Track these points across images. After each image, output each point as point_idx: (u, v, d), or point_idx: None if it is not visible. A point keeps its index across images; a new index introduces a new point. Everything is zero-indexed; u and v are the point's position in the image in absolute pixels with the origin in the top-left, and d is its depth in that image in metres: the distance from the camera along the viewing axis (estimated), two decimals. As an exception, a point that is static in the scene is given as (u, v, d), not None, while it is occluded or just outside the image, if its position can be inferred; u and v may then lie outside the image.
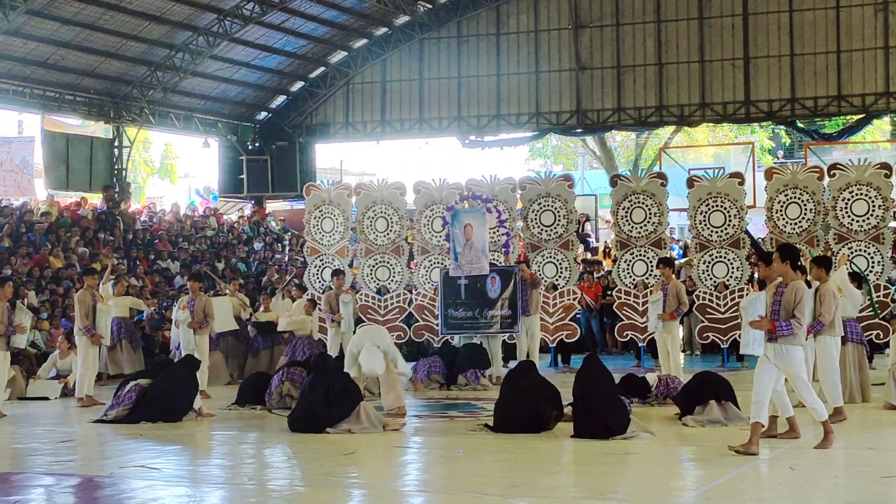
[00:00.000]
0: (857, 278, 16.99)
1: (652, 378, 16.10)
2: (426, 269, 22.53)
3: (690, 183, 22.32)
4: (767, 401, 11.81)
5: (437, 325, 21.55)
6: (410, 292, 22.74)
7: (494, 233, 21.43)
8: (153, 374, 15.53)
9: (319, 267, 23.05)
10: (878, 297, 20.12)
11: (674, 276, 19.06)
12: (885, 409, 15.13)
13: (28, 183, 32.24)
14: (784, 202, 21.34)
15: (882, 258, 20.76)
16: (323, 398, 13.72)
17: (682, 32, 32.33)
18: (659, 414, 14.83)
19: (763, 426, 11.83)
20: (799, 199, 21.28)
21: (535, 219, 22.39)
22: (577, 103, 33.31)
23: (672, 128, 38.43)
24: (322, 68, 35.63)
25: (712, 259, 21.69)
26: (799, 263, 12.72)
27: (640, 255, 22.03)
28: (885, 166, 21.39)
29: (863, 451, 11.97)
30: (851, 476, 10.77)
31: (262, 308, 22.83)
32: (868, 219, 20.78)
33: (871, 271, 20.47)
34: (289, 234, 35.13)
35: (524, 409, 13.48)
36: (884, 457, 11.78)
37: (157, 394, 15.00)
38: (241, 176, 35.99)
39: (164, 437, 13.79)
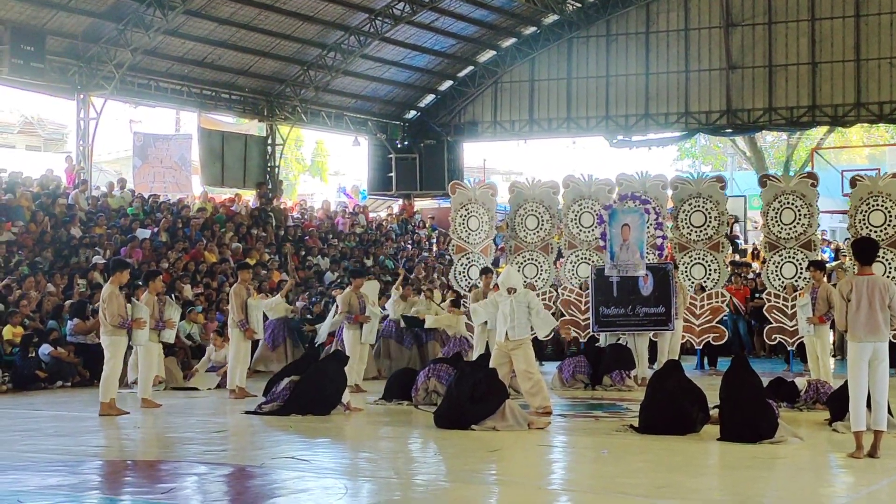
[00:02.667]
0: None
1: (801, 383, 15.83)
2: (573, 264, 22.50)
3: (853, 182, 21.86)
4: None
5: (583, 320, 21.51)
6: (556, 290, 22.74)
7: (651, 234, 21.27)
8: (303, 369, 15.80)
9: (465, 265, 23.16)
10: None
11: (824, 279, 18.66)
12: None
13: (185, 179, 33.14)
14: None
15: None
16: (469, 395, 13.81)
17: (838, 30, 31.69)
18: (808, 419, 14.57)
19: None
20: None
21: (686, 219, 22.18)
22: (727, 103, 32.90)
23: (825, 128, 37.70)
24: (471, 67, 35.81)
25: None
26: None
27: (790, 256, 21.64)
28: None
29: None
30: None
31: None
32: None
33: None
34: (436, 232, 35.36)
35: (670, 410, 13.35)
36: None
37: (307, 388, 15.27)
38: (390, 174, 36.38)
39: (313, 430, 14.01)
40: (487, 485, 10.41)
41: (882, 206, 21.19)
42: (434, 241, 34.88)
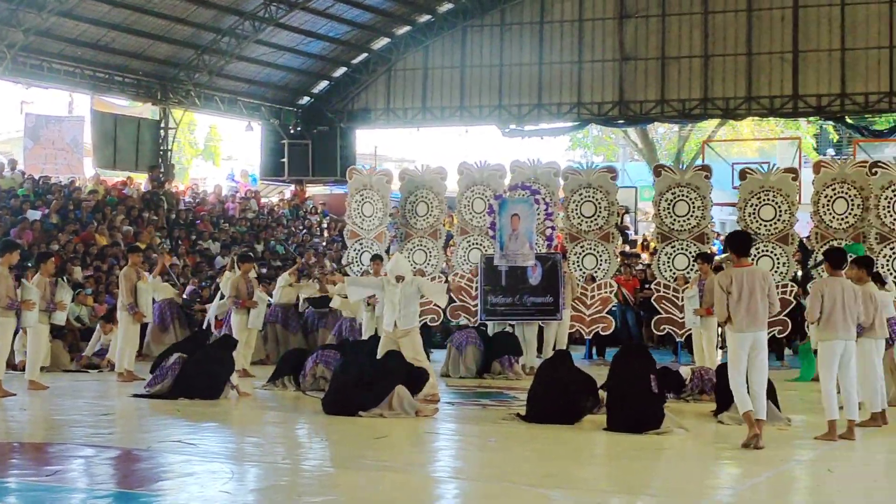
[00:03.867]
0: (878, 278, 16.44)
1: (686, 371, 15.98)
2: (465, 250, 22.55)
3: (742, 175, 22.09)
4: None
5: (473, 306, 21.54)
6: (445, 276, 22.78)
7: (541, 224, 21.35)
8: (192, 350, 15.68)
9: (358, 251, 23.09)
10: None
11: (712, 271, 18.83)
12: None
13: (77, 161, 32.59)
14: (831, 197, 21.08)
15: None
16: (356, 381, 13.75)
17: (730, 24, 32.05)
18: (694, 410, 14.69)
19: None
20: (846, 194, 21.00)
21: (576, 209, 22.29)
22: (619, 94, 33.15)
23: (716, 121, 38.17)
24: (365, 54, 35.66)
25: (758, 253, 21.38)
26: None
27: (682, 248, 21.83)
28: (928, 165, 21.05)
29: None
30: (893, 481, 10.62)
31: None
32: (911, 219, 20.43)
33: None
34: (327, 218, 35.28)
35: (559, 400, 13.39)
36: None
37: (195, 371, 15.15)
38: (283, 160, 36.14)
39: (200, 414, 13.86)
40: (374, 471, 10.33)
41: (773, 200, 21.44)
42: (325, 226, 34.77)
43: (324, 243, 32.52)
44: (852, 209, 20.91)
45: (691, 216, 21.81)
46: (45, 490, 9.18)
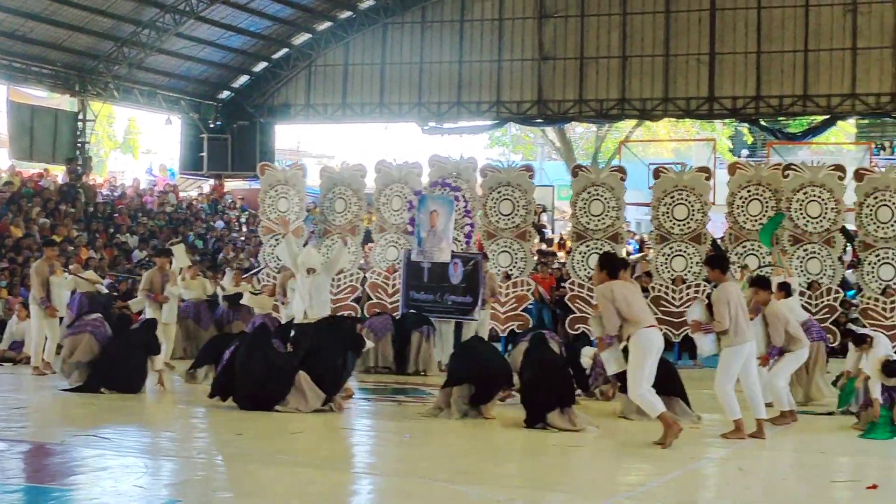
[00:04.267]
0: (786, 287, 16.74)
1: (587, 362, 15.69)
2: (382, 248, 22.62)
3: (656, 174, 22.36)
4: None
5: (390, 303, 21.61)
6: (364, 273, 22.85)
7: (460, 220, 21.46)
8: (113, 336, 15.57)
9: (274, 246, 23.07)
10: (828, 300, 20.31)
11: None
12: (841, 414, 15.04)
13: (-10, 153, 32.17)
14: (746, 198, 21.42)
15: (833, 262, 20.86)
16: (265, 372, 13.76)
17: (648, 26, 32.31)
18: (602, 409, 14.85)
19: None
20: (761, 195, 21.36)
21: (494, 207, 22.43)
22: (538, 93, 33.32)
23: (633, 122, 38.51)
24: (285, 49, 35.55)
25: (672, 252, 21.73)
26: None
27: (597, 247, 22.04)
28: (839, 168, 21.38)
29: (813, 455, 12.03)
30: (800, 479, 10.82)
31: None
32: (821, 221, 20.84)
33: (823, 274, 20.60)
34: (246, 213, 35.16)
35: (476, 369, 13.60)
36: (833, 461, 11.83)
37: (114, 361, 15.02)
38: (202, 154, 35.91)
39: (117, 409, 13.80)
40: (289, 466, 10.37)
41: (686, 200, 21.75)
42: (244, 221, 34.63)
43: (242, 238, 32.39)
44: (766, 211, 21.28)
45: (606, 216, 22.03)
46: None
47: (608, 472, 10.84)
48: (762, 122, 33.51)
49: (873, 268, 20.65)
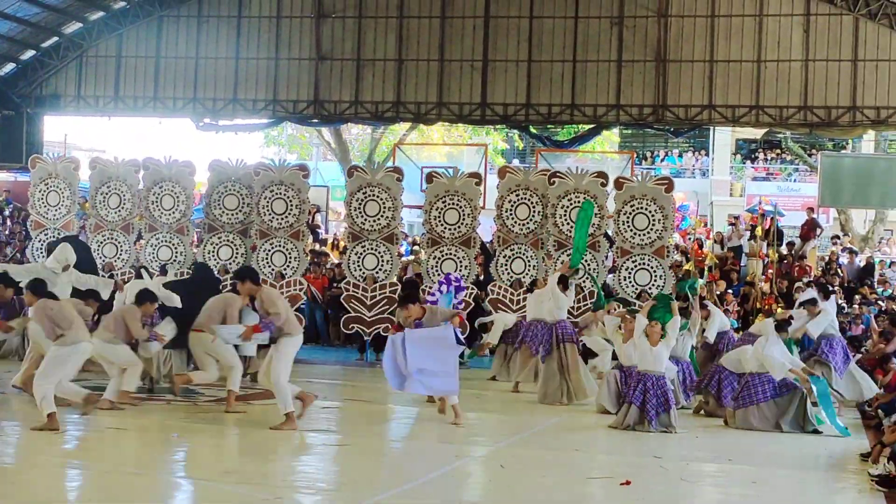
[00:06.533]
0: (564, 281, 17.30)
1: None
2: (153, 248, 22.19)
3: (429, 178, 22.66)
4: None
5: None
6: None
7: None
8: None
9: (43, 241, 22.39)
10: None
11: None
12: (598, 412, 15.50)
13: None
14: (515, 202, 21.95)
15: (597, 265, 21.53)
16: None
17: (424, 30, 32.51)
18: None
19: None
20: (529, 200, 21.90)
21: (268, 206, 22.26)
22: (314, 93, 33.15)
23: (408, 124, 38.76)
24: (55, 38, 34.39)
25: (443, 255, 22.04)
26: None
27: (372, 248, 22.14)
28: (602, 175, 22.21)
29: (570, 453, 12.36)
30: (558, 476, 11.09)
31: None
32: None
33: (587, 276, 21.16)
34: (11, 206, 33.87)
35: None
36: (589, 458, 12.21)
37: None
38: (-37, 144, 34.44)
39: None
40: (55, 468, 10.04)
41: (457, 204, 22.10)
42: (8, 215, 33.37)
43: (6, 232, 31.21)
44: (533, 215, 21.82)
45: (381, 216, 22.16)
46: None
47: (372, 471, 10.86)
48: (532, 129, 34.21)
49: (630, 273, 21.42)
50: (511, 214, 21.91)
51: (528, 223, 21.79)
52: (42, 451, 11.02)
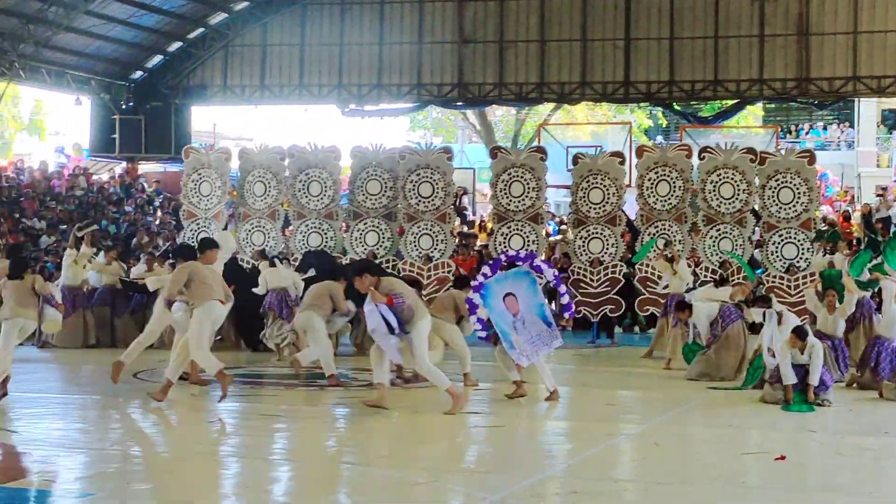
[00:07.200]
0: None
1: None
2: (303, 234, 22.43)
3: (575, 159, 22.66)
4: None
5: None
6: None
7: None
8: None
9: (195, 231, 22.82)
10: (738, 278, 20.44)
11: None
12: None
13: None
14: (654, 179, 21.83)
15: (744, 241, 21.35)
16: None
17: (566, 10, 32.37)
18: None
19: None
20: (668, 176, 21.80)
21: (414, 189, 22.33)
22: (458, 76, 33.21)
23: (552, 105, 38.65)
24: (201, 29, 34.95)
25: (589, 235, 21.98)
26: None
27: (517, 229, 22.12)
28: (751, 151, 22.08)
29: (723, 429, 12.14)
30: (712, 452, 10.90)
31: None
32: (734, 202, 21.32)
33: (737, 251, 20.92)
34: (161, 196, 34.53)
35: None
36: (742, 434, 11.97)
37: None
38: (114, 136, 35.14)
39: (28, 401, 13.42)
40: (209, 456, 10.16)
41: (601, 183, 22.03)
42: (158, 205, 34.04)
43: (157, 223, 31.86)
44: (674, 191, 21.71)
45: (526, 197, 22.14)
46: None
47: (528, 452, 10.80)
48: (675, 106, 33.97)
49: (777, 248, 21.09)
50: (652, 192, 21.83)
51: (669, 198, 21.71)
52: (197, 440, 11.15)
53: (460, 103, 35.13)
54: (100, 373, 15.54)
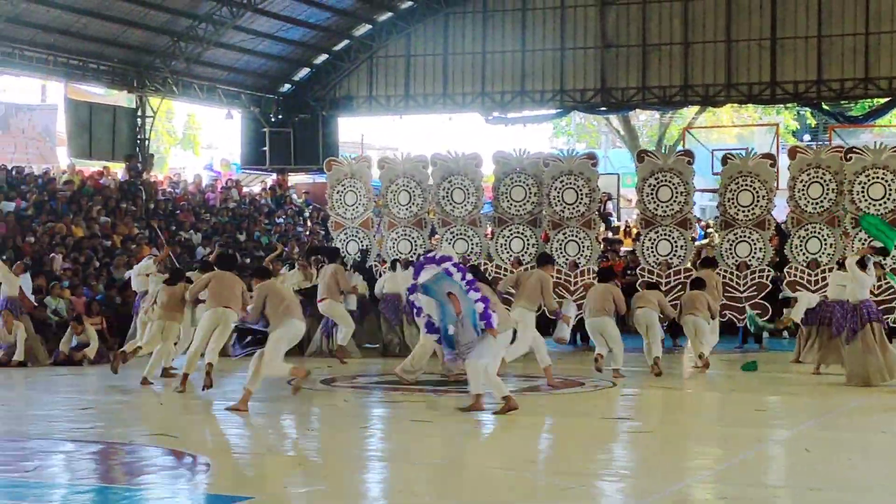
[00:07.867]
0: (862, 263, 16.71)
1: None
2: (449, 241, 22.60)
3: (724, 160, 22.46)
4: None
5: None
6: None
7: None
8: None
9: (344, 241, 23.16)
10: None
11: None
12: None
13: (50, 151, 32.27)
14: (807, 182, 21.43)
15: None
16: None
17: (710, 11, 32.08)
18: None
19: None
20: (821, 178, 21.34)
21: (558, 196, 22.34)
22: (601, 81, 33.16)
23: (696, 108, 38.29)
24: (346, 41, 35.49)
25: (736, 238, 21.73)
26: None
27: (665, 234, 21.98)
28: (903, 149, 21.40)
29: (874, 435, 11.97)
30: (863, 458, 10.72)
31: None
32: (885, 202, 20.79)
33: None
34: (311, 207, 35.10)
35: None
36: (894, 439, 11.77)
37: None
38: (264, 148, 35.86)
39: (186, 406, 13.77)
40: (369, 462, 10.35)
41: (751, 185, 21.71)
42: (307, 216, 34.63)
43: (307, 233, 32.41)
44: (827, 193, 21.27)
45: (674, 201, 21.97)
46: (25, 486, 9.03)
47: (676, 457, 10.78)
48: (824, 106, 33.33)
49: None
50: (804, 194, 21.42)
51: (821, 202, 21.26)
52: (347, 444, 11.33)
53: (603, 108, 35.05)
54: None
